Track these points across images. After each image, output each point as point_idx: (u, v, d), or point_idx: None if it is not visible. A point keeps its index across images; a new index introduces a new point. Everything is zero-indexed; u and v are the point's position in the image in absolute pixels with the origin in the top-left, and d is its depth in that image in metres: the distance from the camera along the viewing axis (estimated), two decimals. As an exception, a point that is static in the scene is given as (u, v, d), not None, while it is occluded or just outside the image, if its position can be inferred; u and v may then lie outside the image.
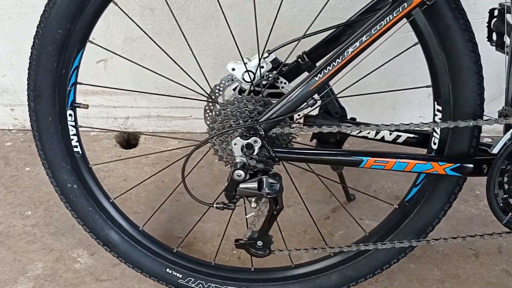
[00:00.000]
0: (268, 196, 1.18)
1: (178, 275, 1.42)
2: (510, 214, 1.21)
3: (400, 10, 1.07)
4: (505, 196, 1.20)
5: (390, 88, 1.87)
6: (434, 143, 1.26)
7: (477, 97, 1.17)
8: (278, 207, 1.22)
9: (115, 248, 1.42)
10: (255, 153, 1.18)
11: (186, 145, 1.86)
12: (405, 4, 1.07)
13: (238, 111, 1.23)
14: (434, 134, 1.25)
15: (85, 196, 1.38)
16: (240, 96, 1.26)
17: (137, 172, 1.91)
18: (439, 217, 1.32)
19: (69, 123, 1.32)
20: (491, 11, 1.21)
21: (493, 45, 1.22)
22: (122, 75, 2.02)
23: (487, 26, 1.23)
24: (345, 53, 1.11)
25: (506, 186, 1.20)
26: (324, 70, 1.12)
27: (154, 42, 1.38)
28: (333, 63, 1.12)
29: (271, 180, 1.17)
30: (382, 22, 1.08)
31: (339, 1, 1.83)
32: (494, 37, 1.24)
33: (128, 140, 2.13)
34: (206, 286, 1.42)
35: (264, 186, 1.17)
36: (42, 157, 1.33)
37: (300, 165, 1.39)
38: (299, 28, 1.34)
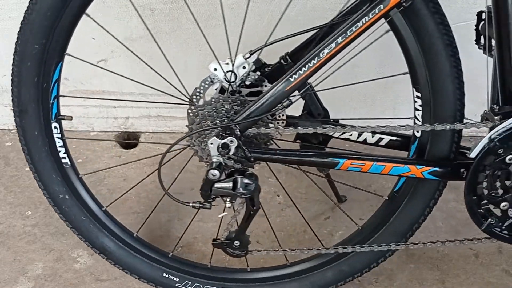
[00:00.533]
0: (243, 196, 1.19)
1: (175, 279, 1.43)
2: (489, 219, 1.20)
3: (376, 12, 1.08)
4: (484, 201, 1.19)
5: (391, 88, 1.88)
6: (414, 145, 1.25)
7: (455, 80, 1.16)
8: (254, 208, 1.23)
9: (111, 256, 1.43)
10: (231, 153, 1.18)
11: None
12: (381, 5, 1.07)
13: (215, 111, 1.24)
14: (414, 136, 1.25)
15: (78, 206, 1.40)
16: (216, 96, 1.26)
17: (137, 172, 1.91)
18: (430, 205, 1.32)
19: (55, 135, 1.34)
20: (479, 14, 1.20)
21: (480, 49, 1.20)
22: (122, 74, 2.01)
23: (475, 29, 1.22)
24: (321, 54, 1.11)
25: (485, 192, 1.18)
26: (300, 71, 1.13)
27: (129, 49, 1.39)
28: (309, 64, 1.12)
29: (246, 181, 1.18)
30: (358, 23, 1.09)
31: (340, 1, 1.82)
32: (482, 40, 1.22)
33: (128, 140, 2.13)
34: None
35: (239, 186, 1.18)
36: (33, 170, 1.36)
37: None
38: (300, 28, 1.33)
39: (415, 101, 1.22)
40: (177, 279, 1.42)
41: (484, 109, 1.20)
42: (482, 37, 1.20)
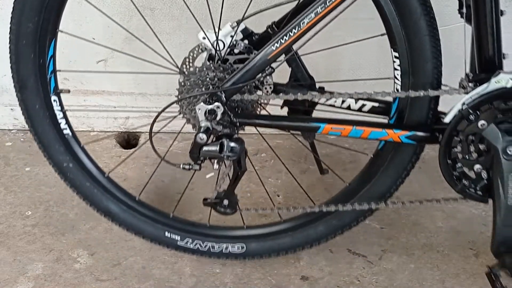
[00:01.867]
0: (229, 158, 1.25)
1: (176, 237, 1.50)
2: (463, 181, 1.23)
3: None
4: (459, 164, 1.22)
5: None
6: (394, 110, 1.30)
7: (432, 39, 1.19)
8: (241, 169, 1.30)
9: (116, 218, 1.51)
10: (218, 118, 1.23)
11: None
12: None
13: (200, 79, 1.29)
14: (394, 100, 1.30)
15: (81, 172, 1.48)
16: (200, 65, 1.30)
17: (137, 172, 1.91)
18: (412, 161, 1.35)
19: (55, 108, 1.41)
20: None
21: (462, 18, 1.21)
22: (122, 75, 2.02)
23: None
24: (301, 24, 1.15)
25: (459, 156, 1.21)
26: (281, 40, 1.17)
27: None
28: (290, 33, 1.16)
29: (232, 144, 1.24)
30: None
31: None
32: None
33: (128, 140, 2.13)
34: (203, 245, 1.49)
35: (225, 149, 1.24)
36: (37, 141, 1.44)
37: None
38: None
39: (394, 61, 1.25)
40: (178, 237, 1.49)
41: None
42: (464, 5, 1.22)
